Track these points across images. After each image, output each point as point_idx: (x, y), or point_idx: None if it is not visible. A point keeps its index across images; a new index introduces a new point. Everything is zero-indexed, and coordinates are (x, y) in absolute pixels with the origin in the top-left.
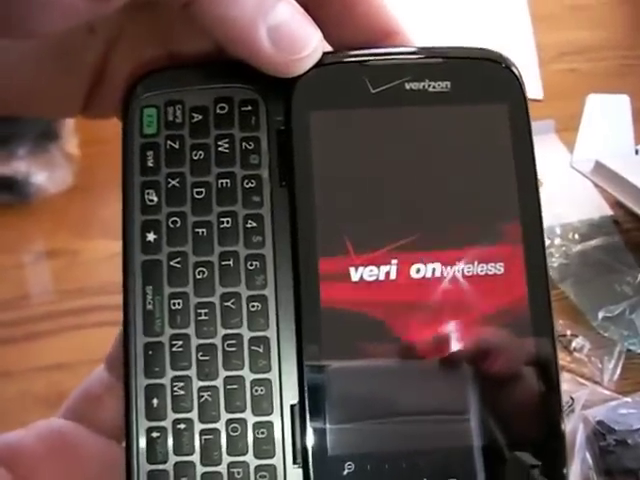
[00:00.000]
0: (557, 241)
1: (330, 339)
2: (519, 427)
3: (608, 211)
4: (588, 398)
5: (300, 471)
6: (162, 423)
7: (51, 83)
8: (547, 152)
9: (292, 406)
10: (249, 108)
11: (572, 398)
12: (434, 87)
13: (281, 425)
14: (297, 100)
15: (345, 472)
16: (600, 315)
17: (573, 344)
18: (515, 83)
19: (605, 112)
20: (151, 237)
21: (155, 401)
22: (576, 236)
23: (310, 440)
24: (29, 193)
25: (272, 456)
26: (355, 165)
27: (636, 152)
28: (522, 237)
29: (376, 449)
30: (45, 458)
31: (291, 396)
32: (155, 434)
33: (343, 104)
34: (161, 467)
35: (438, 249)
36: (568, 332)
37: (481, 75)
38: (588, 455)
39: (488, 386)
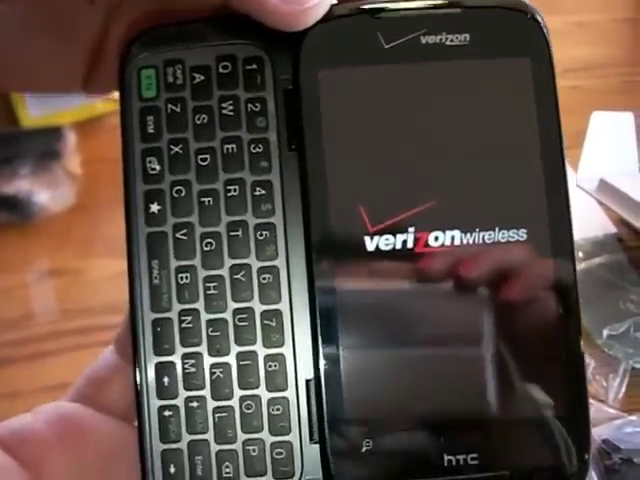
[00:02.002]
0: None
1: (345, 310)
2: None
3: (612, 229)
4: (593, 416)
5: (317, 447)
6: (174, 402)
7: (50, 56)
8: None
9: (307, 381)
10: (254, 66)
11: None
12: (452, 40)
13: (296, 401)
14: (305, 57)
15: (364, 449)
16: (605, 333)
17: None
18: (540, 34)
19: (609, 130)
20: (155, 208)
21: (166, 379)
22: (580, 254)
23: (327, 416)
24: (32, 212)
25: (288, 433)
26: (368, 126)
27: None
28: (546, 196)
29: (395, 425)
30: (54, 443)
31: (306, 371)
32: (167, 413)
33: (355, 60)
34: (175, 446)
35: (457, 216)
36: None
37: (503, 26)
38: (594, 474)
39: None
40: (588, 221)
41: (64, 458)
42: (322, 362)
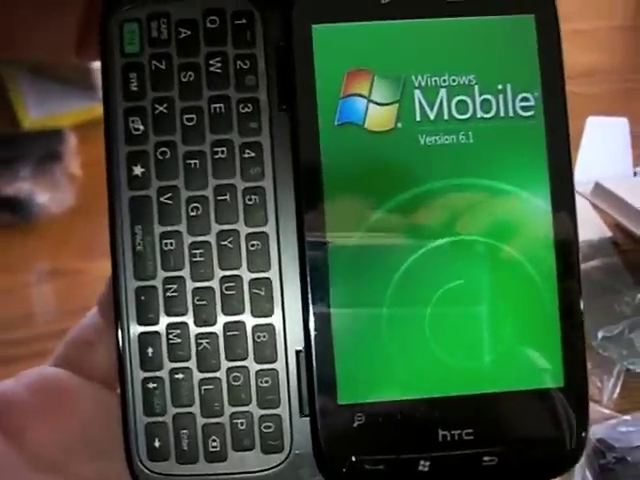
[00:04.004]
0: None
1: (337, 276)
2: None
3: (607, 232)
4: None
5: (307, 421)
6: (158, 373)
7: (41, 21)
8: None
9: (297, 352)
10: (243, 21)
11: None
12: None
13: (286, 373)
14: (298, 11)
15: (355, 423)
16: (599, 335)
17: None
18: None
19: (605, 134)
20: (138, 171)
21: (150, 350)
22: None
23: (317, 388)
24: (32, 213)
25: (277, 406)
26: (363, 85)
27: (635, 174)
28: (547, 156)
29: (388, 398)
30: (37, 409)
31: (296, 342)
32: (151, 385)
33: (350, 16)
34: (159, 419)
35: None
36: None
37: None
38: (588, 473)
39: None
40: (583, 224)
41: (46, 425)
42: (313, 332)
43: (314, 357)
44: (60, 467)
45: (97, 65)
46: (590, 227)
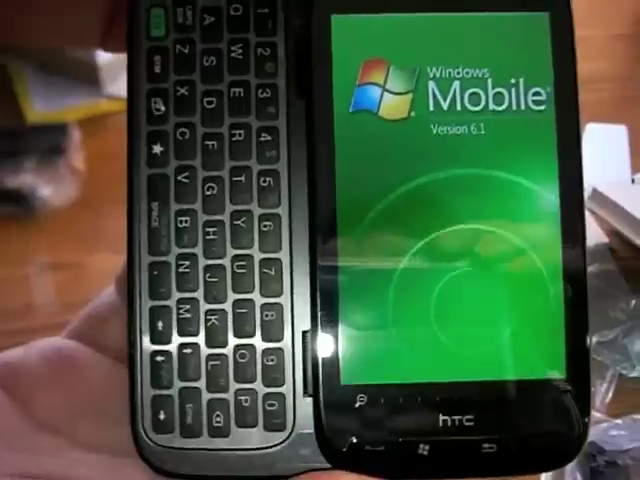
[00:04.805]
0: None
1: (346, 262)
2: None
3: (604, 239)
4: None
5: (310, 401)
6: (167, 347)
7: (69, 9)
8: None
9: (304, 333)
10: (266, 10)
11: None
12: None
13: (292, 352)
14: (319, 1)
15: (357, 404)
16: (594, 340)
17: None
18: None
19: (603, 141)
20: (157, 149)
21: (160, 324)
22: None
23: (322, 369)
24: (35, 206)
25: (282, 384)
26: (380, 76)
27: (632, 181)
28: (558, 163)
29: (391, 381)
30: (47, 379)
31: (303, 322)
32: (159, 358)
33: (370, 7)
34: (165, 392)
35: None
36: None
37: None
38: (579, 475)
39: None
40: None
41: (56, 394)
42: (320, 314)
43: (319, 337)
44: (67, 432)
45: (102, 61)
46: (587, 233)
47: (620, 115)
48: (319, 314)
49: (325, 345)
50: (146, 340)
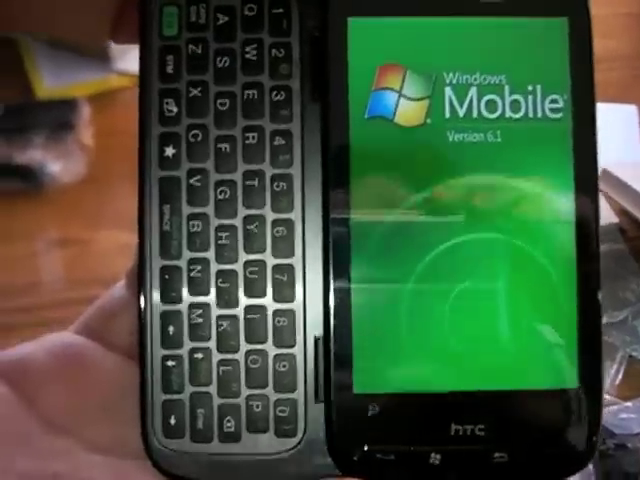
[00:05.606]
0: None
1: (359, 267)
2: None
3: (614, 219)
4: None
5: (321, 407)
6: (178, 352)
7: (79, 2)
8: None
9: (316, 339)
10: (280, 10)
11: None
12: None
13: (304, 358)
14: (335, 3)
15: (369, 413)
16: (603, 321)
17: None
18: None
19: (614, 122)
20: (169, 152)
21: (171, 328)
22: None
23: (334, 376)
24: (43, 182)
25: (293, 390)
26: (396, 80)
27: None
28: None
29: (402, 390)
30: (56, 377)
31: (315, 328)
32: (171, 363)
33: (386, 10)
34: (176, 397)
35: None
36: None
37: None
38: None
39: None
40: None
41: (63, 390)
42: (332, 320)
43: (332, 345)
44: (75, 431)
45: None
46: None
47: (631, 95)
48: (332, 320)
49: (338, 352)
50: (157, 344)
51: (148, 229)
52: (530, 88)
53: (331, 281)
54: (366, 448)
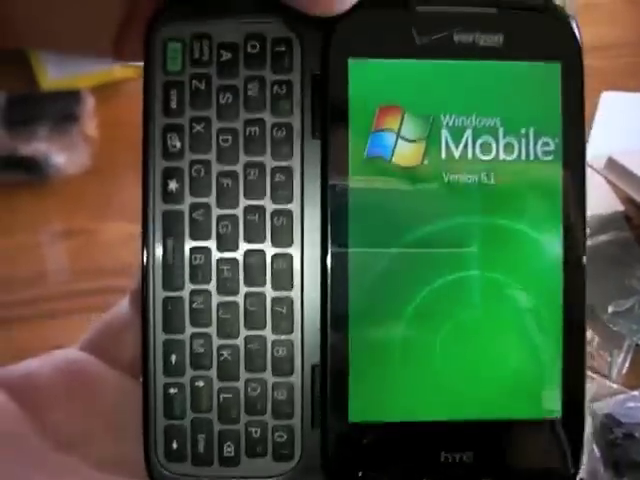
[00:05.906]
0: None
1: (356, 301)
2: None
3: (620, 207)
4: (596, 391)
5: (318, 433)
6: (180, 380)
7: (82, 18)
8: None
9: (313, 367)
10: (282, 48)
11: None
12: (485, 41)
13: (301, 386)
14: (336, 43)
15: (363, 441)
16: (609, 309)
17: None
18: (571, 40)
19: (619, 110)
20: (173, 186)
21: (174, 357)
22: (587, 230)
23: (329, 405)
24: (48, 173)
25: (291, 417)
26: (395, 120)
27: None
28: (562, 211)
29: (395, 420)
30: (61, 390)
31: (313, 356)
32: (172, 390)
33: (386, 52)
34: (178, 422)
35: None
36: None
37: (536, 29)
38: (596, 448)
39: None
40: (595, 199)
41: (69, 408)
42: (330, 349)
43: (329, 374)
44: (80, 448)
45: None
46: (602, 201)
47: (636, 82)
48: (329, 351)
49: (333, 382)
50: (160, 372)
51: (151, 262)
52: (523, 131)
53: (329, 313)
54: (360, 474)
